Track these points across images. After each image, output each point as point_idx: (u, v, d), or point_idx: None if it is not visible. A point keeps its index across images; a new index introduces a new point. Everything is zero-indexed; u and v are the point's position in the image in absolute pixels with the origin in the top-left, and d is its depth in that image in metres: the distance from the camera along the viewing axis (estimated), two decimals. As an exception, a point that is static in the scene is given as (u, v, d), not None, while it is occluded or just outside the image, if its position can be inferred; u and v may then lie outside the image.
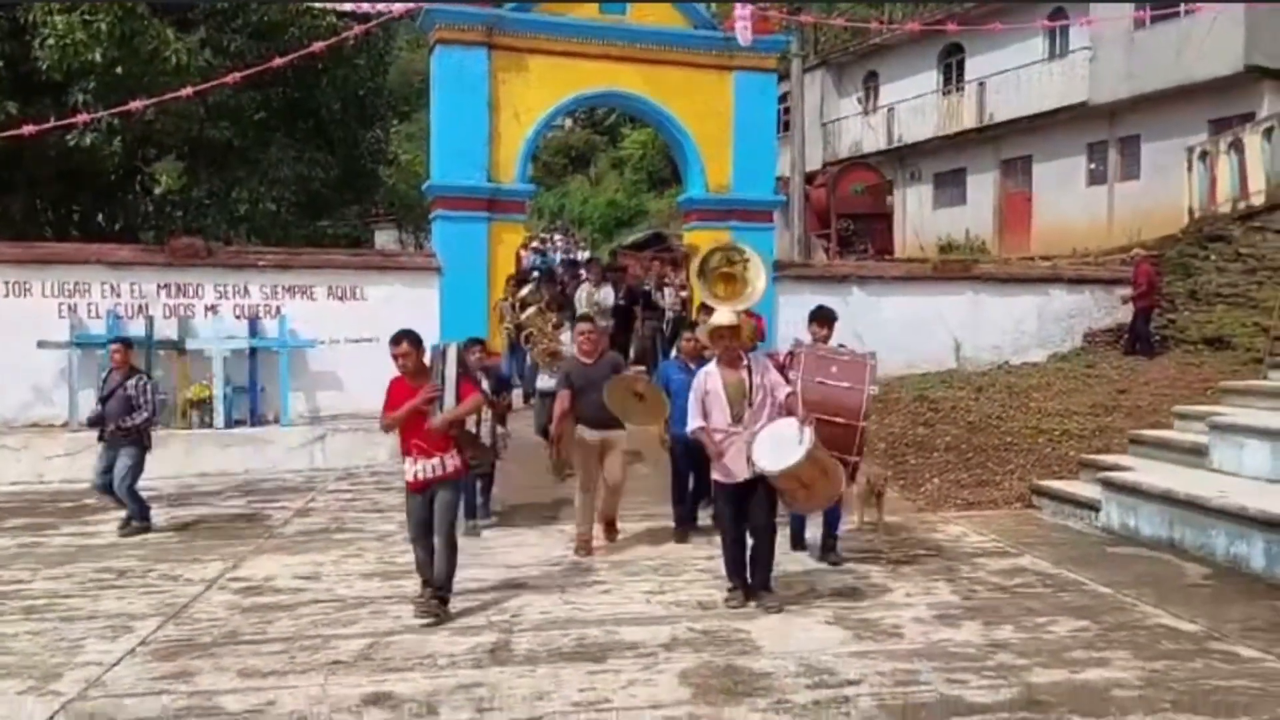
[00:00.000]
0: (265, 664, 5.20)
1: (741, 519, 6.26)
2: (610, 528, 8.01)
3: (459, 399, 6.07)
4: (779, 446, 5.99)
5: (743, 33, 13.69)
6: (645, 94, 14.19)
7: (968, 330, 15.09)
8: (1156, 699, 4.71)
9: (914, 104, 27.54)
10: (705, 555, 7.42)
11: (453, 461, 6.07)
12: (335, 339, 12.93)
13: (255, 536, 8.44)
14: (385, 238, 29.48)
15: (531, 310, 10.78)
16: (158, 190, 19.17)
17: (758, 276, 6.64)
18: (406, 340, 6.08)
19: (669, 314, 14.12)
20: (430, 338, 12.79)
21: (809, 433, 5.97)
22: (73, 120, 12.75)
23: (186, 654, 5.38)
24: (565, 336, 10.00)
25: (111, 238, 17.44)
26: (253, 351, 12.58)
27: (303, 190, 18.79)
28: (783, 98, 19.44)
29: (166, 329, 12.35)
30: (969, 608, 6.21)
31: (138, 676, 5.04)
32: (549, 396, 9.71)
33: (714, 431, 6.24)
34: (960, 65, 26.85)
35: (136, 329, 12.19)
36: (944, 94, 27.21)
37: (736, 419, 6.20)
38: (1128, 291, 15.24)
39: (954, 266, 16.18)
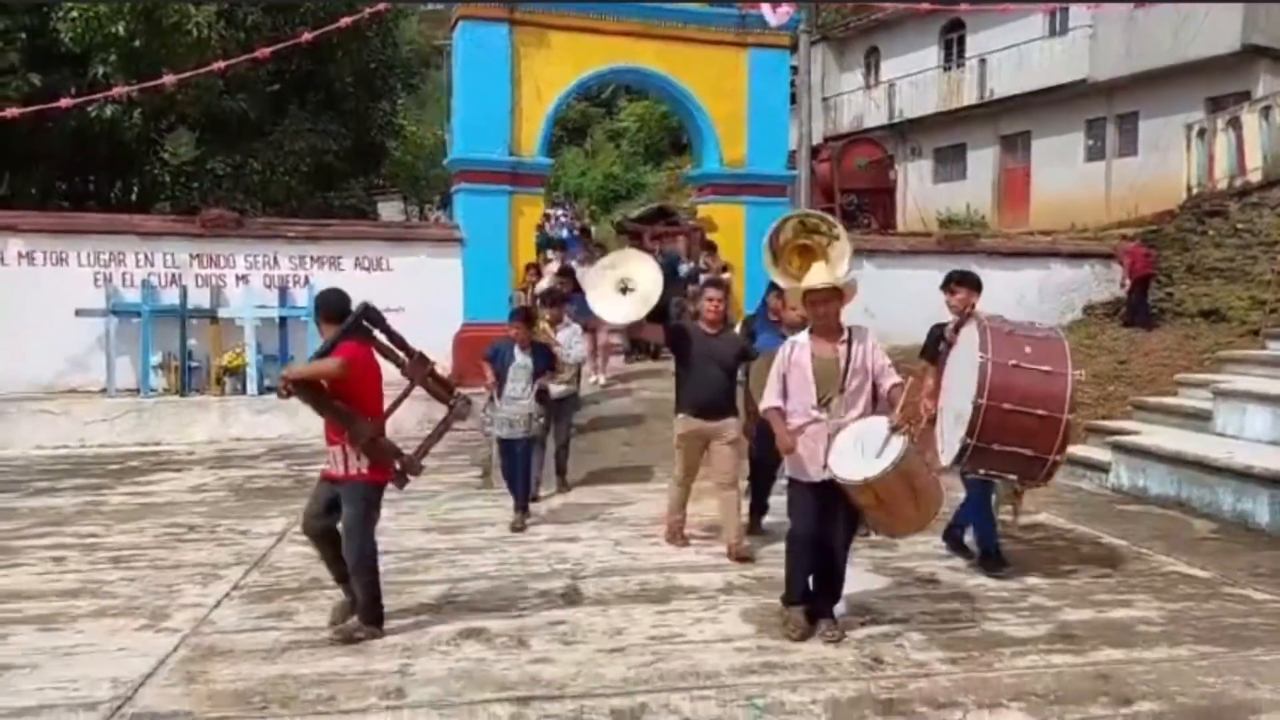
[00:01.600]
0: (356, 605, 5.62)
1: (818, 524, 5.10)
2: (739, 552, 6.63)
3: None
4: (862, 450, 4.91)
5: (781, 16, 14.00)
6: (662, 70, 14.49)
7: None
8: (1179, 634, 5.19)
9: (915, 79, 27.88)
10: (744, 513, 7.84)
11: (358, 462, 5.06)
12: (361, 308, 13.26)
13: (306, 495, 8.80)
14: (390, 209, 29.71)
15: None
16: (173, 161, 19.42)
17: (843, 252, 5.70)
18: (316, 305, 5.33)
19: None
20: (454, 307, 13.56)
21: (900, 442, 4.84)
22: (108, 94, 12.97)
23: (279, 597, 5.79)
24: (563, 335, 8.82)
25: (127, 209, 17.72)
26: (283, 320, 12.92)
27: (316, 162, 19.07)
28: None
29: (199, 298, 12.68)
30: (997, 558, 6.66)
31: (240, 616, 5.45)
32: (558, 403, 8.77)
33: (792, 416, 5.15)
34: (961, 41, 27.18)
35: (170, 298, 12.56)
36: (945, 70, 27.56)
37: (823, 404, 5.06)
38: (1124, 278, 15.74)
39: (958, 241, 16.60)
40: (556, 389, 8.58)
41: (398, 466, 5.16)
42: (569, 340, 8.87)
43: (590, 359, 13.56)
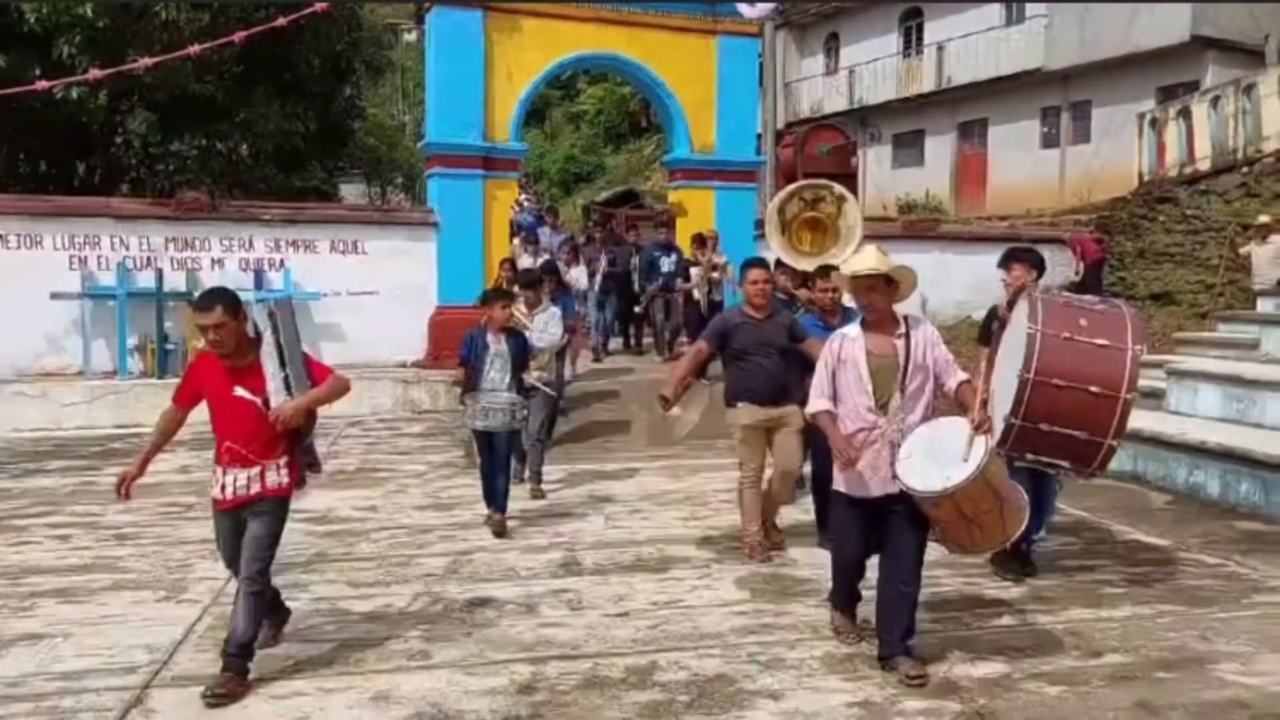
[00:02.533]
0: (367, 577, 5.87)
1: (864, 548, 4.70)
2: (770, 528, 6.40)
3: (312, 379, 4.38)
4: (937, 458, 4.31)
5: (759, 11, 14.24)
6: (633, 56, 14.68)
7: (934, 286, 15.78)
8: (1140, 595, 5.60)
9: (874, 66, 28.34)
10: (725, 488, 8.16)
11: (278, 475, 4.41)
12: (338, 291, 13.41)
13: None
14: (351, 191, 29.65)
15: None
16: (137, 143, 19.28)
17: (854, 219, 5.25)
18: (221, 305, 4.24)
19: (697, 295, 13.00)
20: (429, 289, 13.72)
21: (983, 444, 4.29)
22: (86, 77, 12.93)
23: (290, 570, 5.99)
24: (539, 319, 8.13)
25: (89, 191, 17.61)
26: (259, 303, 12.99)
27: (283, 144, 19.07)
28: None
29: (175, 281, 12.72)
30: (968, 529, 7.05)
31: (256, 588, 5.65)
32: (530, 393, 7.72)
33: (844, 421, 4.58)
34: (920, 29, 27.68)
35: (146, 281, 12.60)
36: (904, 57, 28.04)
37: (881, 407, 4.50)
38: (1077, 265, 16.30)
39: (921, 226, 17.07)
40: (529, 377, 7.69)
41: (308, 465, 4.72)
42: (545, 324, 8.15)
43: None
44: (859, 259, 4.65)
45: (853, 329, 4.70)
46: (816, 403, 4.70)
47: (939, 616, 5.21)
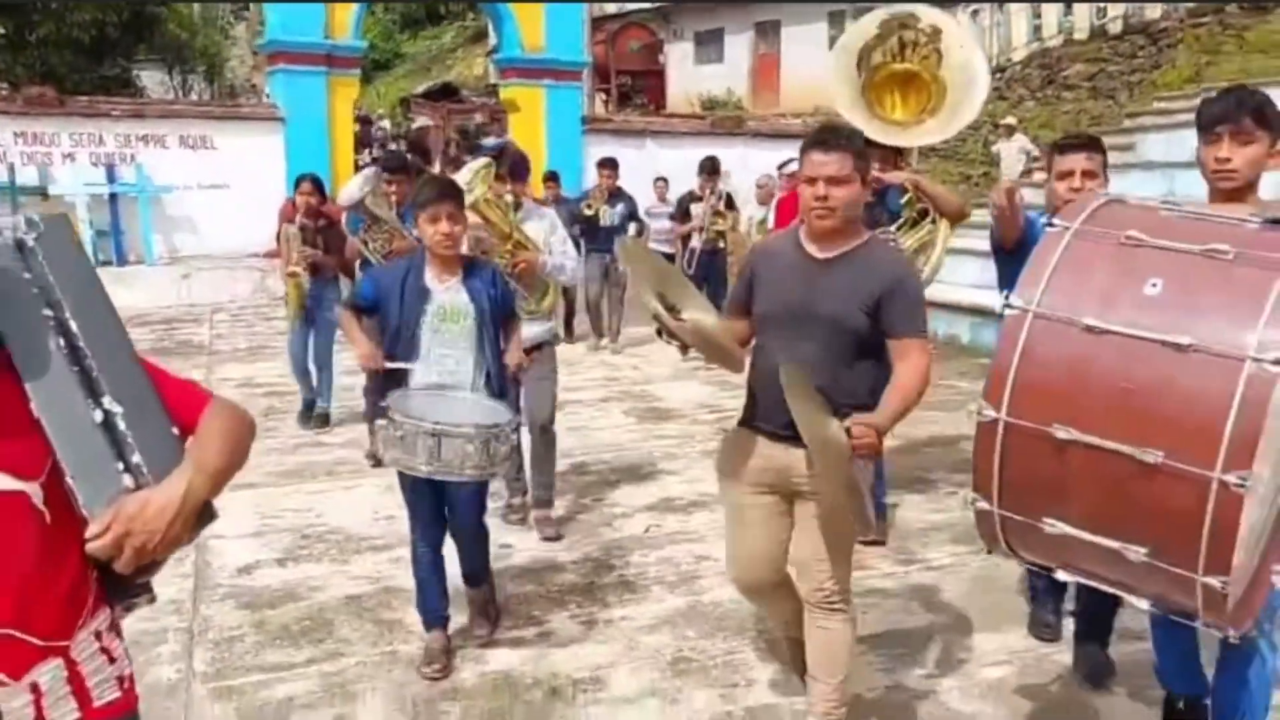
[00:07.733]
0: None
1: None
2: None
3: (177, 419, 1.65)
4: None
5: None
6: (466, -41, 15.61)
7: (740, 179, 17.87)
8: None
9: (677, -36, 29.61)
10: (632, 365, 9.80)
11: (103, 667, 1.62)
12: (189, 185, 13.98)
13: (197, 354, 9.97)
14: (151, 80, 28.64)
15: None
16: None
17: (971, 65, 3.67)
18: None
19: (696, 243, 9.67)
20: (278, 183, 14.48)
21: None
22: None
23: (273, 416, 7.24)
24: (532, 227, 4.94)
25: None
26: (113, 197, 13.46)
27: (99, 33, 18.77)
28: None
29: (27, 176, 13.00)
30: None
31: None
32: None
33: None
34: (719, -71, 29.07)
35: (-3, 176, 12.83)
36: (705, -44, 29.44)
37: None
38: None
39: (728, 122, 18.89)
40: (530, 329, 4.57)
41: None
42: (547, 236, 4.89)
43: None
44: None
45: None
46: None
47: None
